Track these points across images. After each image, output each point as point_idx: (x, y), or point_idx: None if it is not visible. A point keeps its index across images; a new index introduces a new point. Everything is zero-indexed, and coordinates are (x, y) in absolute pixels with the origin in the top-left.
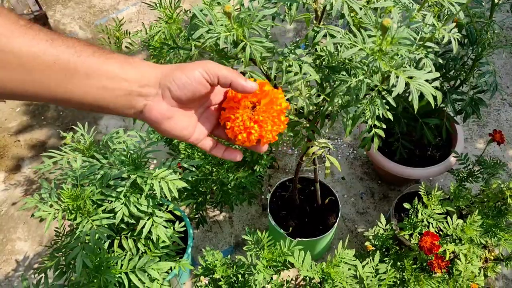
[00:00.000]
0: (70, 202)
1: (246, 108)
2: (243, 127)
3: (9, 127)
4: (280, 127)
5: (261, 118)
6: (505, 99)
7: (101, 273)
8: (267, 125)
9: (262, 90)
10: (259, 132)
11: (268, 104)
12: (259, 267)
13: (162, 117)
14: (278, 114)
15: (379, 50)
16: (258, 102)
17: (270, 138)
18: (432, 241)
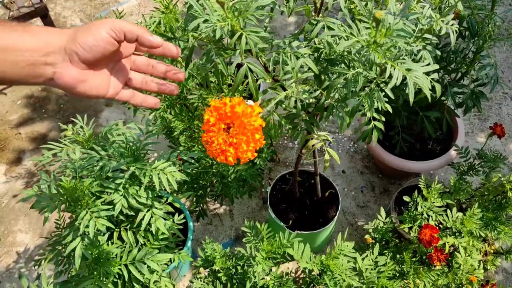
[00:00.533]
0: (69, 194)
1: (221, 131)
2: (220, 150)
3: (10, 119)
4: (257, 144)
5: (235, 141)
6: (507, 93)
7: (100, 265)
8: (241, 147)
9: (234, 111)
10: (235, 154)
11: (240, 125)
12: (258, 259)
13: (74, 82)
14: (252, 133)
15: (374, 42)
16: (232, 124)
17: (248, 157)
18: (431, 234)
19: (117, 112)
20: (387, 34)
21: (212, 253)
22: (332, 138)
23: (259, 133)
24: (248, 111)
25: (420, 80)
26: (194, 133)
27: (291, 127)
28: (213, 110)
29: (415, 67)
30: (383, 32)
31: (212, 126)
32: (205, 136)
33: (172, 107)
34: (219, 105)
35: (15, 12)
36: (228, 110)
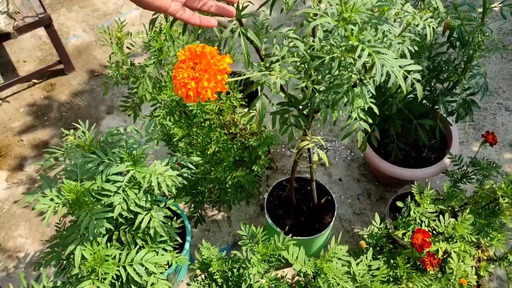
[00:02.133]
0: (70, 196)
1: (189, 68)
2: (183, 84)
3: (13, 127)
4: (217, 85)
5: (197, 75)
6: (501, 103)
7: (99, 266)
8: (202, 82)
9: (203, 52)
10: (195, 89)
11: (207, 64)
12: (253, 261)
13: None
14: (215, 73)
15: (343, 18)
16: (199, 63)
17: (208, 95)
18: (423, 238)
19: (117, 120)
20: (354, 10)
21: (209, 256)
22: (330, 146)
23: (222, 75)
24: (216, 55)
25: (388, 63)
26: (193, 139)
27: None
28: (186, 49)
29: (385, 52)
30: (349, 6)
31: (182, 63)
32: (174, 72)
33: (172, 114)
34: (193, 46)
35: (19, 21)
36: (199, 49)
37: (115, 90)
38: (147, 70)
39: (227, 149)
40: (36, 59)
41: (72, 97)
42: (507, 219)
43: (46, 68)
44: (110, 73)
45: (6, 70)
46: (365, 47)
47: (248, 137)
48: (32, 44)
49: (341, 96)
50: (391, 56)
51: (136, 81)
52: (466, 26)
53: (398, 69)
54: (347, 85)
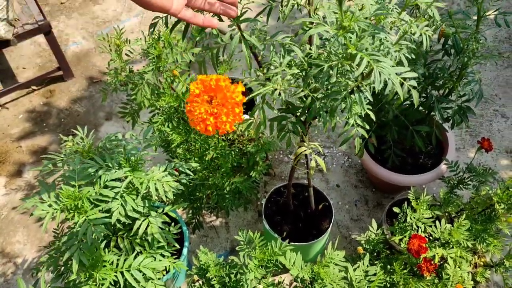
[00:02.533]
0: (68, 202)
1: (204, 102)
2: (201, 119)
3: (12, 133)
4: (236, 118)
5: (215, 111)
6: (497, 110)
7: (97, 271)
8: (221, 117)
9: (218, 85)
10: (214, 124)
11: (223, 98)
12: (250, 266)
13: None
14: (233, 107)
15: (342, 27)
16: (215, 96)
17: (226, 129)
18: (420, 244)
19: (116, 126)
20: (353, 19)
21: (206, 261)
22: (327, 152)
23: (239, 108)
24: (232, 87)
25: (386, 71)
26: (191, 146)
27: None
28: (199, 82)
29: (383, 60)
30: (349, 15)
31: (196, 97)
32: (188, 106)
33: (170, 120)
34: (205, 79)
35: (19, 29)
36: (213, 83)
37: (114, 97)
38: (146, 77)
39: (225, 155)
40: (36, 66)
41: (71, 103)
42: (503, 225)
43: (46, 74)
44: (109, 79)
45: (6, 77)
46: (364, 56)
47: (246, 143)
48: (31, 51)
49: (339, 102)
50: (389, 64)
51: (135, 88)
52: (461, 33)
53: (395, 76)
54: (345, 92)
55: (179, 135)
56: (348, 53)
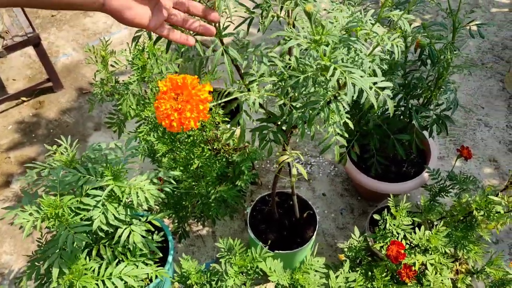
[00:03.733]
0: (49, 210)
1: (171, 99)
2: (166, 115)
3: (0, 144)
4: (200, 115)
5: (179, 107)
6: (481, 119)
7: (77, 279)
8: (185, 113)
9: (184, 82)
10: (178, 119)
11: (188, 95)
12: (230, 273)
13: (122, 7)
14: (197, 103)
15: (314, 40)
16: (181, 93)
17: (191, 125)
18: (398, 250)
19: (104, 136)
20: (324, 33)
21: (188, 268)
22: (314, 162)
23: (204, 105)
24: (197, 85)
25: (359, 82)
26: (176, 155)
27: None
28: (167, 80)
29: (356, 72)
30: (319, 29)
31: (164, 94)
32: (156, 103)
33: (155, 130)
34: (173, 77)
35: (8, 41)
36: (180, 81)
37: (103, 107)
38: (131, 87)
39: (209, 164)
40: (26, 77)
41: (60, 114)
42: (484, 232)
43: (35, 86)
44: (95, 90)
45: None
46: (337, 67)
47: (232, 153)
48: (21, 62)
49: (316, 112)
50: (360, 75)
51: (120, 98)
52: (436, 44)
53: (369, 86)
54: (322, 102)
55: (165, 145)
56: (322, 64)
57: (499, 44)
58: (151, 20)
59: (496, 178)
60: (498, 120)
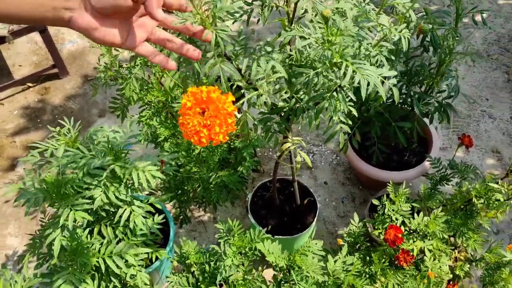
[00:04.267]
0: (51, 188)
1: (197, 114)
2: (194, 131)
3: (6, 128)
4: (229, 128)
5: (209, 123)
6: (485, 110)
7: (78, 256)
8: (214, 129)
9: (209, 97)
10: (208, 136)
11: (215, 109)
12: (228, 253)
13: (88, 27)
14: (225, 117)
15: (328, 41)
16: (207, 108)
17: (220, 139)
18: (396, 234)
19: (109, 122)
20: (338, 34)
21: (188, 249)
22: (316, 150)
23: (232, 118)
24: (223, 98)
25: (371, 78)
26: (178, 139)
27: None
28: (190, 95)
29: (366, 67)
30: (334, 31)
31: (188, 110)
32: (181, 119)
33: (158, 115)
34: (196, 91)
35: (15, 26)
36: (204, 95)
37: (107, 94)
38: (134, 71)
39: (211, 149)
40: (32, 64)
41: (66, 100)
42: (483, 220)
43: (41, 72)
44: (98, 74)
45: (2, 74)
46: (349, 65)
47: (234, 139)
48: (28, 49)
49: (323, 104)
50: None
51: (123, 82)
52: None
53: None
54: (329, 94)
55: (167, 129)
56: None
57: (506, 36)
58: (126, 39)
59: (498, 169)
60: (503, 112)
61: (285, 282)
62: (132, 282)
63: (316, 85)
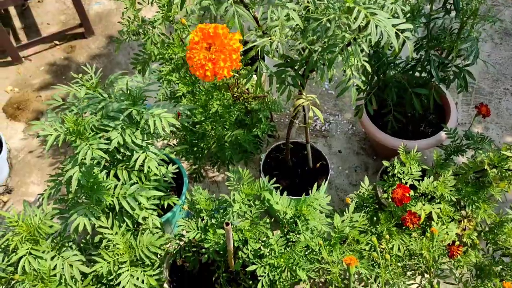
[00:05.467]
0: (71, 126)
1: (203, 49)
2: (200, 65)
3: (33, 83)
4: (233, 64)
5: (213, 57)
6: (508, 89)
7: (94, 192)
8: (219, 63)
9: (216, 32)
10: (212, 69)
11: (221, 44)
12: (237, 198)
13: None
14: (230, 53)
15: None
16: (213, 43)
17: (224, 74)
18: (403, 193)
19: None
20: None
21: (198, 197)
22: (333, 120)
23: (236, 54)
24: (229, 35)
25: (382, 23)
26: (195, 95)
27: (278, 82)
28: (198, 30)
29: (379, 13)
30: None
31: (196, 44)
32: (188, 53)
33: (177, 71)
34: (204, 26)
35: None
36: (212, 30)
37: (131, 54)
38: (155, 24)
39: (228, 107)
40: (59, 23)
41: (90, 59)
42: (495, 191)
43: (68, 30)
44: (122, 28)
45: (30, 31)
46: (361, 9)
47: (251, 101)
48: (56, 8)
49: (336, 55)
50: (385, 17)
51: (145, 37)
52: None
53: (391, 28)
54: (342, 45)
55: (185, 85)
56: (345, 6)
57: None
58: None
59: None
60: None
61: (291, 232)
62: (145, 225)
63: (327, 31)
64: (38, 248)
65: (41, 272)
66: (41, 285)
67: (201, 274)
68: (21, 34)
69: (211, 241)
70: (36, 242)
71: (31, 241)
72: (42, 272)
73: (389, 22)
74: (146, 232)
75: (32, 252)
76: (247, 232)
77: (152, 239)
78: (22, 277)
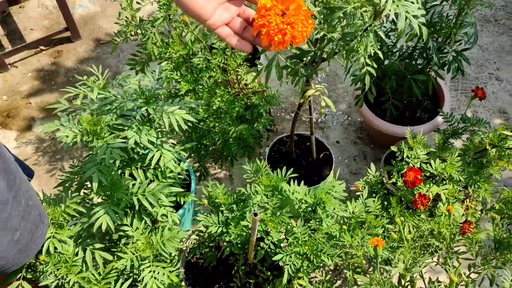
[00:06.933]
0: (88, 127)
1: (277, 15)
2: (277, 29)
3: (21, 90)
4: (308, 28)
5: (292, 20)
6: (492, 73)
7: (115, 191)
8: (298, 26)
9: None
10: (292, 33)
11: (296, 9)
12: (257, 189)
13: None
14: (305, 17)
15: None
16: (286, 9)
17: (301, 39)
18: (415, 176)
19: None
20: None
21: (215, 191)
22: (328, 111)
23: (310, 19)
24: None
25: (410, 9)
26: (197, 94)
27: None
28: None
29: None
30: None
31: (268, 11)
32: (260, 20)
33: (178, 69)
34: None
35: None
36: None
37: (121, 57)
38: (156, 24)
39: (229, 103)
40: (43, 28)
41: (79, 63)
42: (494, 170)
43: (53, 34)
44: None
45: (14, 38)
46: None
47: (251, 96)
48: (38, 13)
49: (355, 43)
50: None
51: (144, 37)
52: None
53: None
54: (360, 33)
55: (187, 83)
56: None
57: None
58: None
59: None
60: (510, 74)
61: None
62: (162, 222)
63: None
64: (62, 232)
65: (65, 255)
66: (64, 269)
67: (216, 269)
68: (5, 41)
69: (232, 234)
70: (60, 227)
71: (56, 225)
72: (66, 256)
73: (411, 8)
74: (165, 228)
75: (56, 236)
76: (269, 223)
77: (173, 233)
78: (47, 258)
